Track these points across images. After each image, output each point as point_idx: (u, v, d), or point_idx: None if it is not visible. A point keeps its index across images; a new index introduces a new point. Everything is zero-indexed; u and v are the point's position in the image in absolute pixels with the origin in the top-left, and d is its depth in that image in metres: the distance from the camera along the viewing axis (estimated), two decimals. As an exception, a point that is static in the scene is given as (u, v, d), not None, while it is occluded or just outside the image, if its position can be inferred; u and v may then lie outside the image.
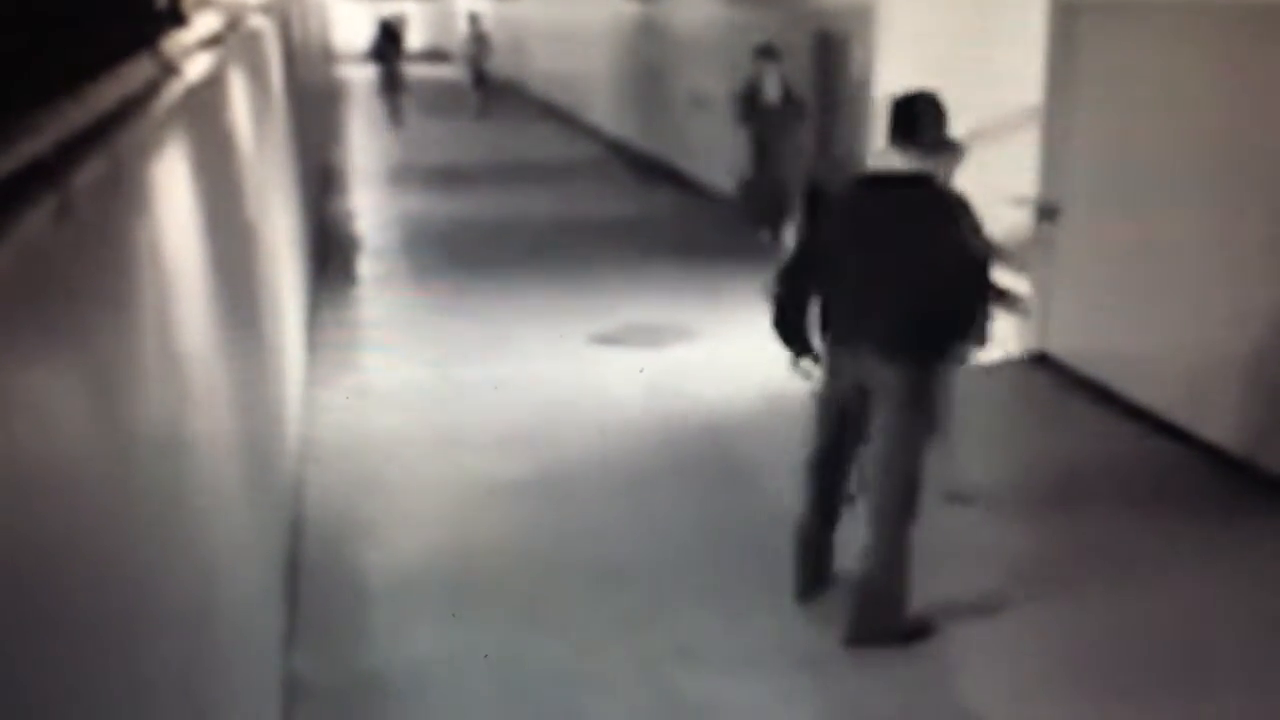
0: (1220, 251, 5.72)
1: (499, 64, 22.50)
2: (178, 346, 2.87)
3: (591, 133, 17.39)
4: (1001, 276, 6.45)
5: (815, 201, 4.90)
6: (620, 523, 5.34)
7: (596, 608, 4.70)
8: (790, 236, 8.67)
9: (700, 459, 6.02)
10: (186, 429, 2.89)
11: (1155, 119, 6.15)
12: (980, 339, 4.46)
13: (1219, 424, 5.75)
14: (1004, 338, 7.46)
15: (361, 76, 23.74)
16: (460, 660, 4.31)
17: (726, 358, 7.49)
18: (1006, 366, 7.25)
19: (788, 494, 5.21)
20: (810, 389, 4.51)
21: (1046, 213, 7.01)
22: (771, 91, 9.82)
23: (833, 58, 9.94)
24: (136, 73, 2.72)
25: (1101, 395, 6.58)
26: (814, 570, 4.63)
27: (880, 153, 4.56)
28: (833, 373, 4.40)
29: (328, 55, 23.18)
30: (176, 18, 3.52)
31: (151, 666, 2.20)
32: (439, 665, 4.30)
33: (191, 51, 3.65)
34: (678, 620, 4.58)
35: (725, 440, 6.24)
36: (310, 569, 4.99)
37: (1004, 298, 7.98)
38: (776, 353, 4.58)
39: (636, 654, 4.36)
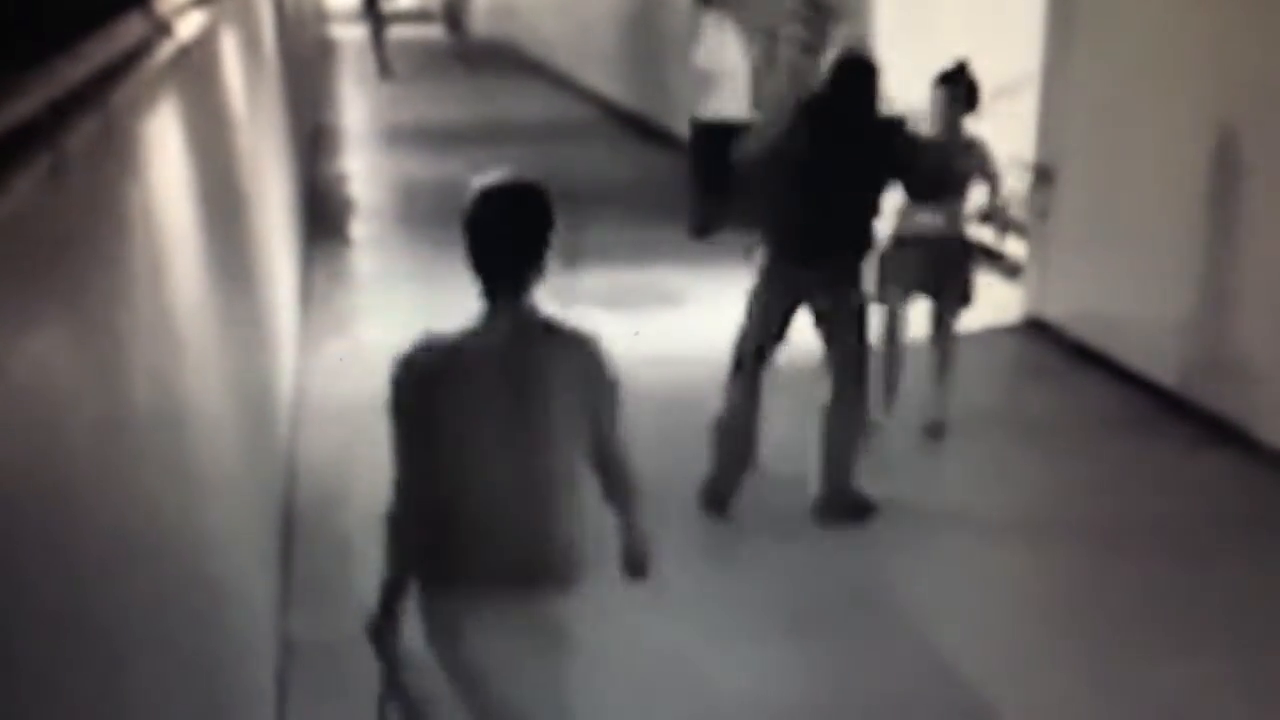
0: (1218, 217, 5.70)
1: (493, 26, 22.37)
2: (171, 306, 2.86)
3: (586, 95, 17.28)
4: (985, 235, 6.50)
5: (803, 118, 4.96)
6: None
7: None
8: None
9: (691, 423, 6.01)
10: (180, 389, 2.88)
11: (1154, 82, 6.12)
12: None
13: (1221, 394, 5.75)
14: (1001, 303, 7.46)
15: (353, 36, 23.58)
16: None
17: (718, 322, 7.44)
18: (1003, 332, 7.24)
19: (775, 459, 5.23)
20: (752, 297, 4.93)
21: (1043, 176, 6.98)
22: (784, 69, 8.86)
23: (823, 22, 9.81)
24: (129, 31, 2.69)
25: (1098, 361, 6.57)
26: (740, 458, 5.00)
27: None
28: (782, 282, 4.82)
29: (319, 14, 23.01)
30: (168, -25, 3.48)
31: (151, 627, 2.20)
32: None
33: (184, 10, 3.61)
34: (671, 578, 4.61)
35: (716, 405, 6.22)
36: (304, 530, 5.00)
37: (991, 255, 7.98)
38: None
39: (626, 612, 4.39)
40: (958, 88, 5.50)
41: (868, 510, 4.96)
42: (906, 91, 8.16)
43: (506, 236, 2.66)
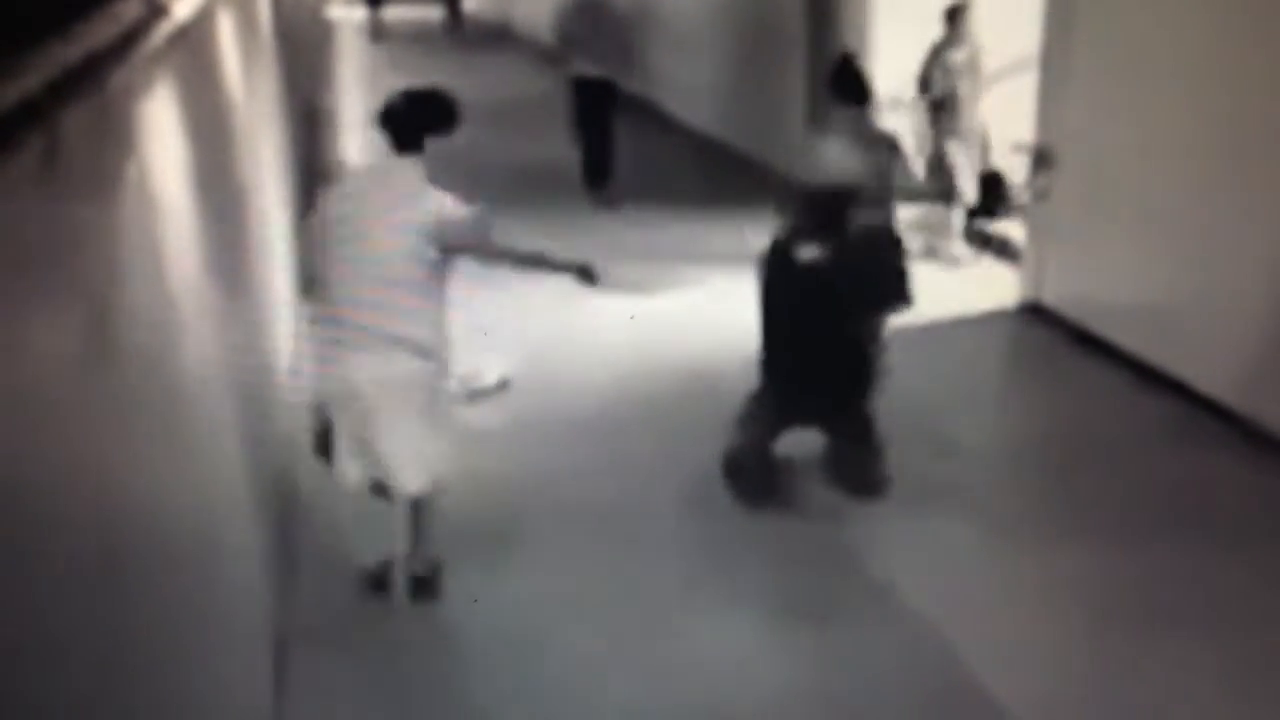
0: (1219, 200, 5.69)
1: (487, 7, 22.33)
2: (168, 287, 2.85)
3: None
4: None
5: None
6: (602, 465, 5.37)
7: (576, 546, 4.75)
8: None
9: (683, 406, 6.02)
10: (178, 368, 2.87)
11: (1154, 65, 6.10)
12: None
13: (1214, 377, 5.75)
14: (999, 287, 7.46)
15: (351, 17, 23.56)
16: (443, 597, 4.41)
17: (710, 305, 7.44)
18: (1000, 316, 7.23)
19: (783, 446, 5.23)
20: None
21: (1042, 160, 6.97)
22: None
23: (825, 7, 9.76)
24: (125, 13, 2.69)
25: (1096, 346, 6.57)
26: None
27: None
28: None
29: (317, -3, 22.94)
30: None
31: (149, 607, 2.20)
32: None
33: (180, -10, 3.59)
34: (658, 558, 4.63)
35: (709, 387, 6.22)
36: (303, 508, 4.99)
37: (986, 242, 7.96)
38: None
39: (613, 589, 4.43)
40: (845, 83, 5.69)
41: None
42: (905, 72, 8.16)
43: (404, 112, 4.06)
